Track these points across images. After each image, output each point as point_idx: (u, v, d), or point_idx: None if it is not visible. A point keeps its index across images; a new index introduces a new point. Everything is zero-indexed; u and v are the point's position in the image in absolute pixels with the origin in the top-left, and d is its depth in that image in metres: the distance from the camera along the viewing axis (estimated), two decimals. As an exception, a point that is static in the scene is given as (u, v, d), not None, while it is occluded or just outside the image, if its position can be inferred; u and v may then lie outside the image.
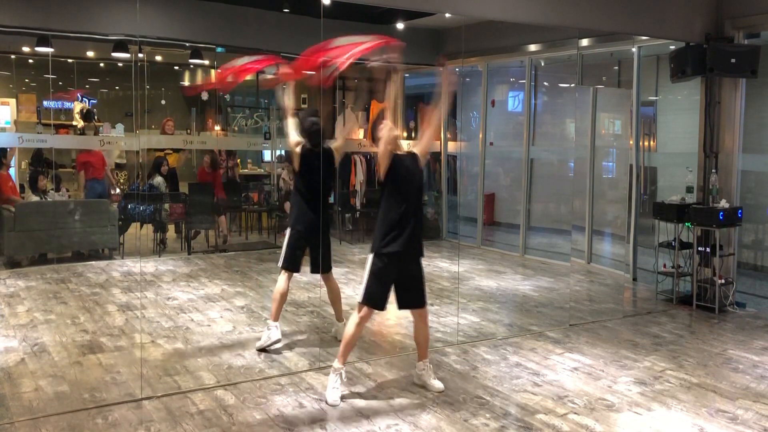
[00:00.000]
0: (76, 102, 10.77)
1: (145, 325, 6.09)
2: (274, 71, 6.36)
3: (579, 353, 5.55)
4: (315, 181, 5.42)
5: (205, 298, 7.08)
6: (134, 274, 8.24)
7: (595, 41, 8.41)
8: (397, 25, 10.06)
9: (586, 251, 9.00)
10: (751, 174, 7.55)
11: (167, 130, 9.80)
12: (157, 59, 11.12)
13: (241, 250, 9.87)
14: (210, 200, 9.77)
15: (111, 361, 5.15)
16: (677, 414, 4.40)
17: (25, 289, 7.31)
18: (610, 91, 9.33)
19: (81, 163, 9.53)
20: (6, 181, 8.83)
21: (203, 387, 4.67)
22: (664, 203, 7.45)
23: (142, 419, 4.14)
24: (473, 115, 11.10)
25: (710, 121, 7.25)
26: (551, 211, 10.14)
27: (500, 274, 8.57)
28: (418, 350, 4.77)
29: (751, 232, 7.81)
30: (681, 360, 5.44)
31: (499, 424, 4.17)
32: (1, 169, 8.86)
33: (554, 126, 10.34)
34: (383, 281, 4.50)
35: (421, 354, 4.75)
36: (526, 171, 9.87)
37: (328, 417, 4.23)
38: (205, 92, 11.80)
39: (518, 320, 6.62)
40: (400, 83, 11.96)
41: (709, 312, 6.96)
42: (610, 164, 9.48)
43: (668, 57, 7.35)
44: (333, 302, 5.73)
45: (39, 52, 8.86)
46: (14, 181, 9.11)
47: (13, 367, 4.99)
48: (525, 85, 9.95)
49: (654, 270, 7.61)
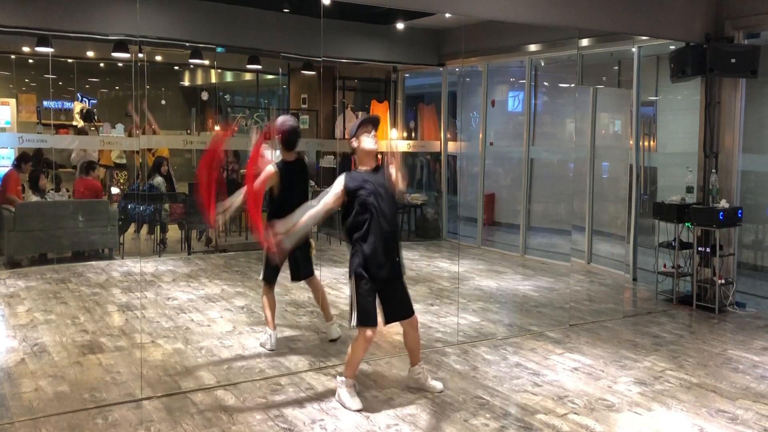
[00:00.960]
0: (76, 102, 10.77)
1: (145, 325, 6.10)
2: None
3: (579, 353, 5.55)
4: (292, 195, 5.26)
5: (205, 298, 7.08)
6: (134, 274, 8.24)
7: (595, 41, 8.41)
8: (397, 25, 10.07)
9: (586, 251, 9.00)
10: (751, 174, 7.55)
11: (155, 129, 9.78)
12: (157, 59, 11.13)
13: (241, 250, 9.87)
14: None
15: (111, 361, 5.15)
16: (677, 414, 4.40)
17: (25, 289, 7.31)
18: (610, 91, 9.33)
19: (77, 191, 9.52)
20: (16, 183, 8.89)
21: (203, 387, 4.67)
22: (664, 203, 7.45)
23: (142, 419, 4.14)
24: (473, 115, 11.10)
25: (710, 121, 7.25)
26: (551, 211, 10.14)
27: (500, 274, 8.57)
28: (410, 356, 4.71)
29: (751, 232, 7.81)
30: (681, 360, 5.44)
31: (499, 424, 4.17)
32: (22, 172, 8.95)
33: (554, 126, 10.34)
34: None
35: (414, 359, 4.71)
36: (526, 171, 9.87)
37: (328, 417, 4.23)
38: (205, 92, 11.82)
39: (518, 320, 6.62)
40: (400, 84, 11.98)
41: (709, 312, 6.96)
42: (611, 164, 9.49)
43: (668, 57, 7.35)
44: (321, 303, 5.75)
45: (39, 52, 8.86)
46: (19, 183, 9.14)
47: (13, 367, 4.99)
48: (525, 85, 9.94)
49: (654, 270, 7.61)
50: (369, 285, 4.36)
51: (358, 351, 4.41)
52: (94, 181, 9.40)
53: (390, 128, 11.44)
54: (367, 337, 4.37)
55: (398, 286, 4.52)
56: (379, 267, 4.35)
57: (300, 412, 4.29)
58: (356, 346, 4.41)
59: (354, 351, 4.42)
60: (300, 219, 4.40)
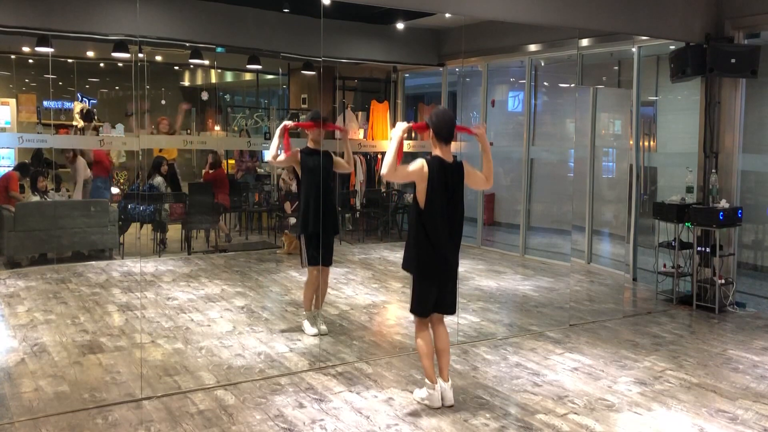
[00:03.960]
0: (76, 102, 10.77)
1: (145, 325, 6.10)
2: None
3: (579, 353, 5.55)
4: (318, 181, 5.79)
5: (205, 298, 7.08)
6: (134, 274, 8.24)
7: (595, 41, 8.41)
8: (397, 25, 10.07)
9: (586, 251, 9.00)
10: (751, 174, 7.55)
11: (162, 129, 9.81)
12: (157, 59, 11.13)
13: (241, 250, 9.87)
14: (211, 200, 9.77)
15: (111, 361, 5.15)
16: (677, 414, 4.40)
17: (25, 289, 7.31)
18: (610, 91, 9.33)
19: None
20: (16, 183, 8.92)
21: (203, 387, 4.67)
22: (664, 203, 7.45)
23: (142, 419, 4.15)
24: (473, 115, 11.10)
25: (710, 121, 7.25)
26: (551, 211, 10.14)
27: (500, 274, 8.57)
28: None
29: (751, 232, 7.81)
30: (681, 360, 5.44)
31: (499, 424, 4.17)
32: (27, 174, 9.03)
33: (554, 126, 10.33)
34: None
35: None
36: (526, 171, 9.87)
37: (328, 417, 4.23)
38: (205, 92, 11.81)
39: (518, 320, 6.62)
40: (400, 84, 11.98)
41: (709, 312, 6.96)
42: (610, 164, 9.49)
43: (668, 57, 7.35)
44: (319, 292, 5.99)
45: (39, 52, 8.85)
46: (18, 183, 9.17)
47: (13, 367, 4.99)
48: (525, 85, 9.95)
49: (654, 270, 7.61)
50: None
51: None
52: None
53: (390, 128, 11.44)
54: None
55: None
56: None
57: (300, 412, 4.29)
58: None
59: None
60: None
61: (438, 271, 4.36)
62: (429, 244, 4.30)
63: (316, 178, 5.71)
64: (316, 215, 5.68)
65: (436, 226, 4.29)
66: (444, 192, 4.30)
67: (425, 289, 4.38)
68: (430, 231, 4.28)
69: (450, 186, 4.34)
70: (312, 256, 5.77)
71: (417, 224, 4.33)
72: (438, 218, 4.29)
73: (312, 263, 5.79)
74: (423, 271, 4.35)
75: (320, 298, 5.99)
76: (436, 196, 4.26)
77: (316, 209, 5.68)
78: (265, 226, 11.17)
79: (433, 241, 4.29)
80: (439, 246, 4.30)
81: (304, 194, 5.78)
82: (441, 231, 4.31)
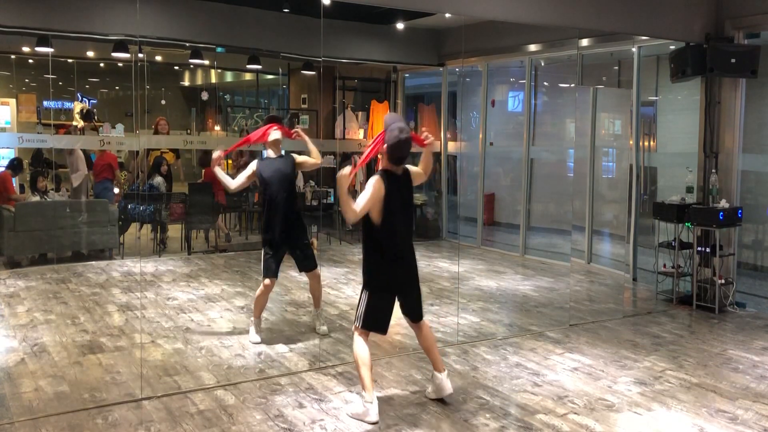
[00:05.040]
0: (76, 102, 10.78)
1: (145, 325, 6.10)
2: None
3: (579, 353, 5.56)
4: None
5: (205, 298, 7.08)
6: (134, 274, 8.24)
7: (595, 41, 8.41)
8: (397, 25, 10.07)
9: (586, 251, 9.00)
10: (751, 174, 7.55)
11: (160, 129, 9.80)
12: (157, 59, 11.13)
13: (241, 250, 9.87)
14: (211, 200, 9.76)
15: (111, 361, 5.15)
16: (677, 414, 4.40)
17: (25, 289, 7.31)
18: (610, 91, 9.32)
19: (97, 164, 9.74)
20: (10, 180, 8.91)
21: (203, 387, 4.67)
22: (664, 203, 7.45)
23: (142, 419, 4.15)
24: (473, 115, 11.10)
25: (710, 121, 7.25)
26: (551, 211, 10.14)
27: (500, 274, 8.57)
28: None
29: (751, 232, 7.81)
30: (681, 360, 5.44)
31: (499, 424, 4.17)
32: (14, 175, 9.00)
33: (554, 126, 10.33)
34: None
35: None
36: (526, 171, 9.87)
37: (328, 417, 4.23)
38: (205, 92, 11.82)
39: (518, 320, 6.62)
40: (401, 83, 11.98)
41: (709, 312, 6.96)
42: (610, 164, 9.48)
43: (668, 57, 7.35)
44: (316, 294, 5.97)
45: (39, 52, 8.86)
46: (13, 182, 9.15)
47: (13, 367, 4.99)
48: (525, 85, 9.95)
49: (654, 270, 7.61)
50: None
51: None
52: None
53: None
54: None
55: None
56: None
57: (300, 412, 4.29)
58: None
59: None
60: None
61: (401, 281, 4.37)
62: (390, 258, 4.30)
63: (273, 186, 5.55)
64: (277, 225, 5.55)
65: (395, 238, 4.30)
66: (400, 203, 4.30)
67: (386, 304, 4.34)
68: (387, 245, 4.27)
69: (404, 195, 4.36)
70: (268, 268, 5.55)
71: (372, 241, 4.30)
72: (397, 229, 4.30)
73: (267, 275, 5.56)
74: (388, 286, 4.32)
75: (317, 298, 5.96)
76: (394, 208, 4.25)
77: (275, 219, 5.54)
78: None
79: (394, 253, 4.30)
80: (400, 256, 4.32)
81: (263, 204, 5.66)
82: (400, 241, 4.33)
